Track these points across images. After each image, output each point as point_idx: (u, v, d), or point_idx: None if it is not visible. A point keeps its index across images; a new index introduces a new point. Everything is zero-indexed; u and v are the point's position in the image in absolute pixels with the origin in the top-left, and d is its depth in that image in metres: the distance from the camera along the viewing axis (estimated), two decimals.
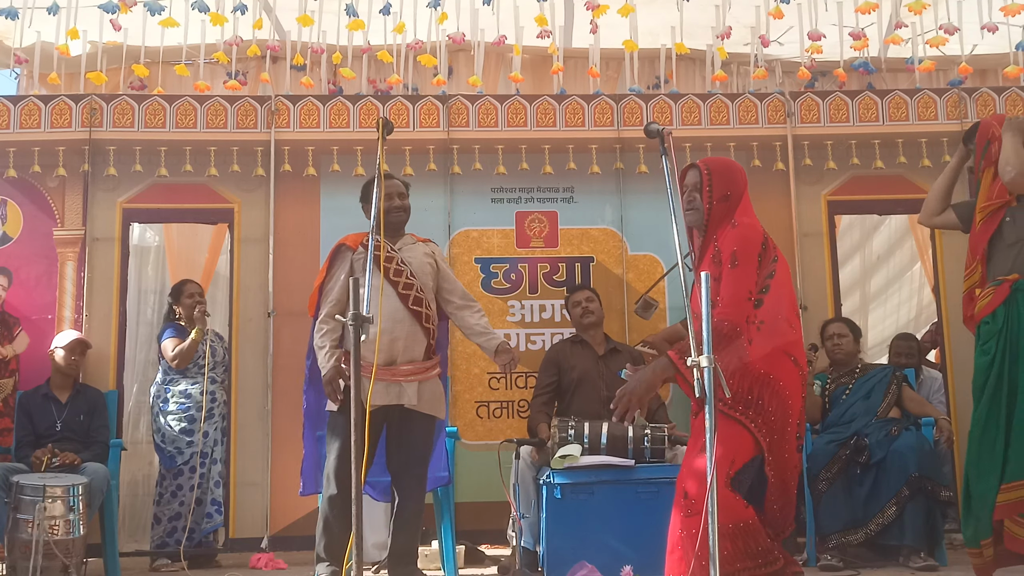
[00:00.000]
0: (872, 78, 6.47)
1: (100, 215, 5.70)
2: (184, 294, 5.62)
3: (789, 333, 3.41)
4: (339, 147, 5.85)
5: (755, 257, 3.42)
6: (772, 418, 3.31)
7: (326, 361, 4.16)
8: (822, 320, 5.62)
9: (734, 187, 3.54)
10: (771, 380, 3.33)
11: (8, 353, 5.49)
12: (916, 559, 4.76)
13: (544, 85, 6.67)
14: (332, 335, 4.22)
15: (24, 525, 4.45)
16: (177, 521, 5.32)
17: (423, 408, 4.22)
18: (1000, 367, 3.70)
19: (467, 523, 5.25)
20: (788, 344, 3.39)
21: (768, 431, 3.31)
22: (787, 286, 3.49)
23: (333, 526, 4.07)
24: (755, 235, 3.48)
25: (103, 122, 5.76)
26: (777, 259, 3.48)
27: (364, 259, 4.16)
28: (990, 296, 3.77)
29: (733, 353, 3.30)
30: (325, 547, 4.10)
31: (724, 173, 3.57)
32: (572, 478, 4.42)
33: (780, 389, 3.33)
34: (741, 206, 3.54)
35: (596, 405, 4.96)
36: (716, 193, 3.52)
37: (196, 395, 5.44)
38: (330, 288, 4.31)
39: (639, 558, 4.16)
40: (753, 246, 3.44)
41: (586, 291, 5.34)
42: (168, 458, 5.41)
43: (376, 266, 4.14)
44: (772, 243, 3.50)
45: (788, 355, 3.39)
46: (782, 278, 3.47)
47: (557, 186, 5.91)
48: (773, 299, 3.41)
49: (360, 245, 4.27)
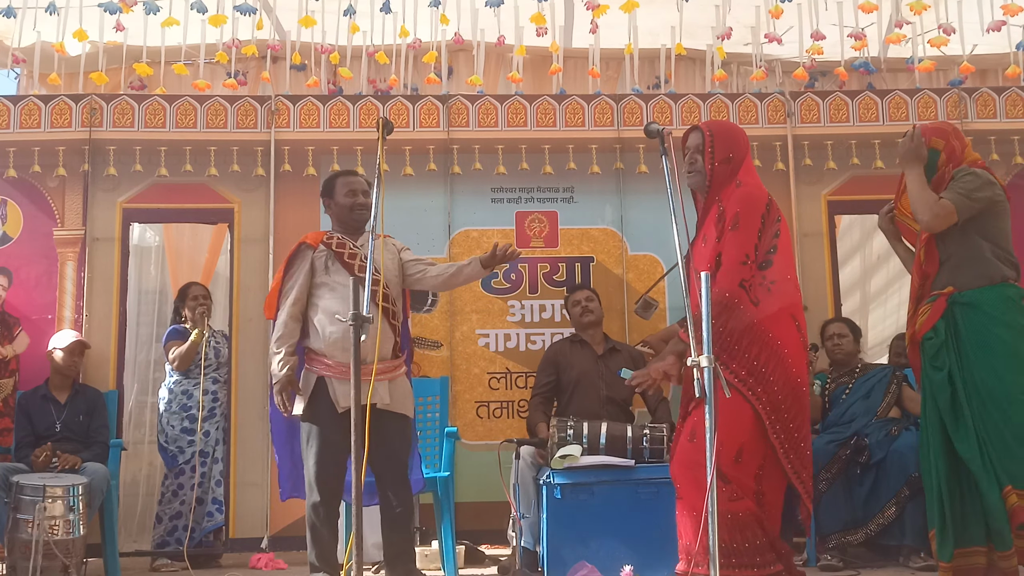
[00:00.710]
0: (872, 78, 6.47)
1: (100, 215, 5.70)
2: (188, 296, 5.66)
3: (795, 294, 3.45)
4: (339, 147, 5.85)
5: (758, 219, 3.42)
6: (775, 388, 3.31)
7: (278, 369, 3.98)
8: (822, 320, 5.62)
9: (736, 149, 3.55)
10: (777, 347, 3.33)
11: (8, 353, 5.49)
12: (916, 559, 4.76)
13: (544, 85, 6.66)
14: (288, 340, 4.03)
15: (24, 525, 4.45)
16: (178, 520, 5.36)
17: (395, 407, 4.05)
18: (956, 377, 3.73)
19: (467, 523, 5.25)
20: (792, 305, 3.42)
21: (773, 404, 3.29)
22: (790, 248, 3.52)
23: (321, 533, 3.97)
24: (760, 195, 3.48)
25: (103, 122, 5.76)
26: (780, 219, 3.49)
27: (325, 257, 4.09)
28: (928, 312, 3.79)
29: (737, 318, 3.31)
30: (318, 556, 3.98)
31: (726, 135, 3.58)
32: (572, 478, 4.42)
33: (784, 357, 3.34)
34: (744, 167, 3.54)
35: (595, 405, 4.96)
36: (718, 155, 3.53)
37: (198, 395, 5.47)
38: (289, 288, 4.11)
39: (639, 558, 4.16)
40: (757, 207, 3.44)
41: (586, 291, 5.34)
42: (170, 458, 5.46)
43: (339, 262, 4.08)
44: (775, 205, 3.50)
45: (792, 317, 3.41)
46: (786, 240, 3.49)
47: (557, 186, 5.91)
48: (781, 259, 3.42)
49: (321, 243, 4.14)
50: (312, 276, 4.11)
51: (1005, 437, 3.61)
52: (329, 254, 4.11)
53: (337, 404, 3.95)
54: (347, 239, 4.18)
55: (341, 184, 4.25)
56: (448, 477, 4.81)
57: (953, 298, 3.74)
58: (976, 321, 3.70)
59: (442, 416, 5.15)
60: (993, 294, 3.71)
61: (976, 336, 3.68)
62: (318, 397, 3.99)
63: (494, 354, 5.73)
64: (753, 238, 3.39)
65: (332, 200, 4.26)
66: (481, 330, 5.75)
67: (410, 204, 5.76)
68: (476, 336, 5.74)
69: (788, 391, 3.34)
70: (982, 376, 3.67)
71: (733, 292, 3.33)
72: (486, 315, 5.75)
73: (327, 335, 4.00)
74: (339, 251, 4.11)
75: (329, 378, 3.98)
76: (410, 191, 5.80)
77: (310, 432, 4.00)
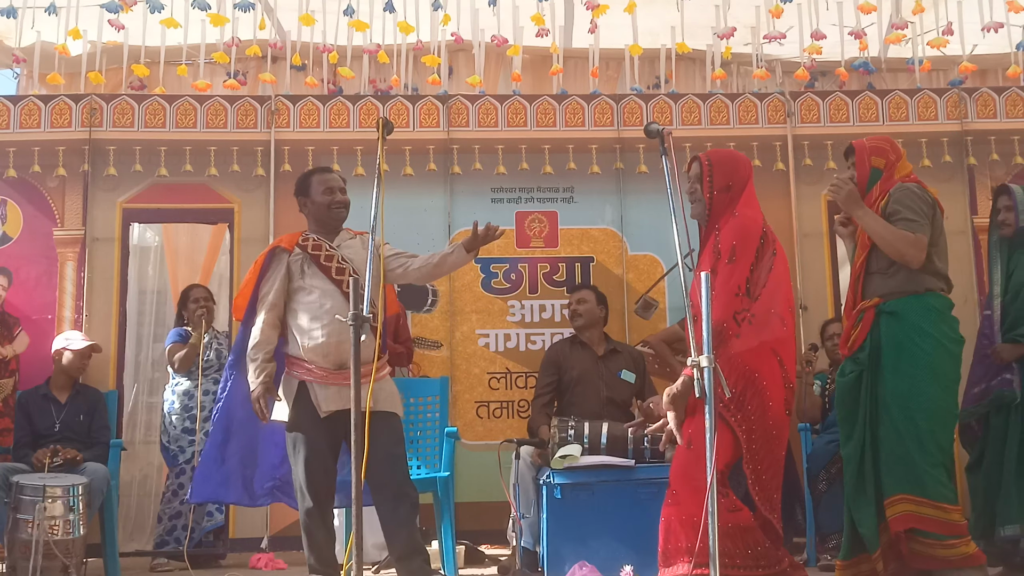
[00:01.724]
0: (872, 78, 6.47)
1: (100, 215, 5.70)
2: (190, 299, 5.66)
3: (779, 330, 3.38)
4: (339, 147, 5.85)
5: (752, 251, 3.42)
6: (752, 418, 3.31)
7: (255, 377, 3.91)
8: (822, 320, 5.62)
9: (735, 177, 3.55)
10: (755, 379, 3.32)
11: (8, 353, 5.49)
12: None
13: (544, 85, 6.66)
14: (266, 347, 3.94)
15: (24, 525, 4.45)
16: (178, 519, 5.37)
17: (383, 406, 3.92)
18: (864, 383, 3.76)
19: (467, 523, 5.25)
20: (776, 341, 3.37)
21: (748, 433, 3.30)
22: (784, 282, 3.47)
23: (317, 537, 3.93)
24: (754, 228, 3.48)
25: (103, 122, 5.76)
26: (776, 253, 3.47)
27: (301, 261, 3.99)
28: (859, 329, 3.80)
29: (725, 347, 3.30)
30: (316, 559, 3.95)
31: (725, 164, 3.58)
32: (572, 478, 4.42)
33: (762, 389, 3.32)
34: (744, 197, 3.54)
35: (596, 405, 4.96)
36: (717, 183, 3.53)
37: (199, 396, 5.47)
38: (265, 293, 3.99)
39: (639, 558, 4.16)
40: (751, 239, 3.44)
41: (580, 292, 5.31)
42: (172, 457, 5.49)
43: (315, 265, 3.97)
44: (772, 236, 3.49)
45: (775, 353, 3.37)
46: (780, 273, 3.45)
47: (557, 186, 5.91)
48: (768, 294, 3.40)
49: (296, 246, 4.04)
50: (288, 281, 4.00)
51: (906, 445, 3.60)
52: (305, 257, 4.00)
53: (319, 409, 3.89)
54: (323, 240, 4.06)
55: (317, 182, 4.13)
56: (448, 477, 4.81)
57: (880, 308, 3.75)
58: (898, 330, 3.69)
59: (442, 416, 5.14)
60: (918, 304, 3.69)
61: (896, 345, 3.68)
62: (300, 403, 3.93)
63: (494, 354, 5.73)
64: (746, 270, 3.38)
65: (308, 199, 4.13)
66: (481, 330, 5.75)
67: (410, 204, 5.75)
68: (476, 336, 5.74)
69: (762, 427, 3.31)
70: (895, 384, 3.66)
71: (728, 323, 3.32)
72: (486, 315, 5.75)
73: (307, 341, 3.92)
74: (315, 254, 4.00)
75: (311, 383, 3.91)
76: (410, 191, 5.80)
77: (296, 440, 3.93)
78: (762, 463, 3.33)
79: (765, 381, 3.34)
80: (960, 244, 5.80)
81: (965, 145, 5.94)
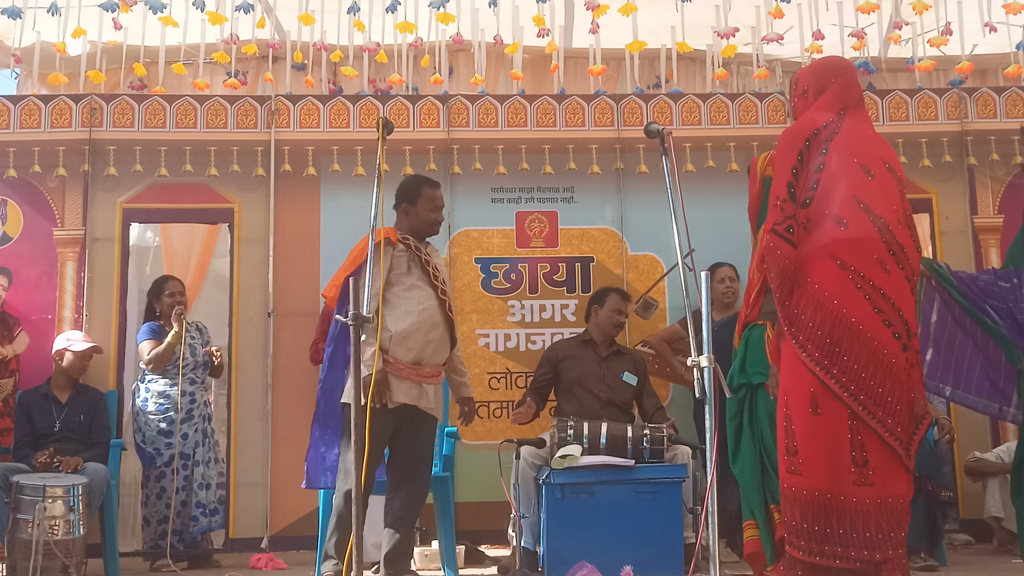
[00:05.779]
0: (872, 78, 6.46)
1: (100, 215, 5.70)
2: (164, 292, 5.46)
3: (835, 231, 3.16)
4: (339, 147, 5.85)
5: (793, 154, 3.27)
6: (818, 333, 3.09)
7: (371, 360, 3.93)
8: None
9: (814, 82, 3.48)
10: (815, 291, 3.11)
11: (8, 353, 5.49)
12: (916, 559, 4.75)
13: (544, 85, 6.66)
14: (376, 333, 3.99)
15: (24, 525, 4.44)
16: (165, 524, 5.22)
17: (435, 412, 4.24)
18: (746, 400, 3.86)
19: (467, 523, 5.25)
20: (833, 243, 3.15)
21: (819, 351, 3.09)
22: (842, 179, 3.21)
23: (348, 523, 3.94)
24: (800, 130, 3.33)
25: (103, 122, 5.76)
26: (827, 151, 3.26)
27: (407, 259, 4.16)
28: None
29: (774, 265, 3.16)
30: (336, 543, 4.01)
31: (807, 71, 3.60)
32: (572, 478, 4.42)
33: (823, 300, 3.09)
34: (821, 101, 3.42)
35: (596, 407, 4.96)
36: (797, 90, 3.53)
37: (174, 396, 5.30)
38: (374, 280, 3.99)
39: (639, 558, 4.16)
40: (793, 142, 3.29)
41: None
42: (148, 459, 5.29)
43: (419, 266, 4.16)
44: (828, 133, 3.29)
45: (833, 257, 3.15)
46: (834, 171, 3.23)
47: (557, 186, 5.91)
48: (820, 196, 3.22)
49: (399, 242, 4.18)
50: (388, 272, 4.13)
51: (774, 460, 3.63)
52: (411, 256, 4.17)
53: (390, 399, 4.02)
54: (419, 245, 4.25)
55: (428, 197, 4.29)
56: (448, 477, 4.81)
57: None
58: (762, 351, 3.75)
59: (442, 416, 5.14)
60: None
61: None
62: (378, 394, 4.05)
63: (494, 354, 5.73)
64: (786, 176, 3.22)
65: (414, 208, 4.28)
66: (481, 330, 5.75)
67: None
68: (476, 336, 5.74)
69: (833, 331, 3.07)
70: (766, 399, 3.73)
71: (765, 241, 3.22)
72: (486, 315, 5.75)
73: (395, 334, 4.06)
74: (419, 255, 4.19)
75: (388, 374, 4.03)
76: None
77: None
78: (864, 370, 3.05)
79: (826, 292, 3.09)
80: (960, 244, 5.81)
81: (965, 145, 5.94)
